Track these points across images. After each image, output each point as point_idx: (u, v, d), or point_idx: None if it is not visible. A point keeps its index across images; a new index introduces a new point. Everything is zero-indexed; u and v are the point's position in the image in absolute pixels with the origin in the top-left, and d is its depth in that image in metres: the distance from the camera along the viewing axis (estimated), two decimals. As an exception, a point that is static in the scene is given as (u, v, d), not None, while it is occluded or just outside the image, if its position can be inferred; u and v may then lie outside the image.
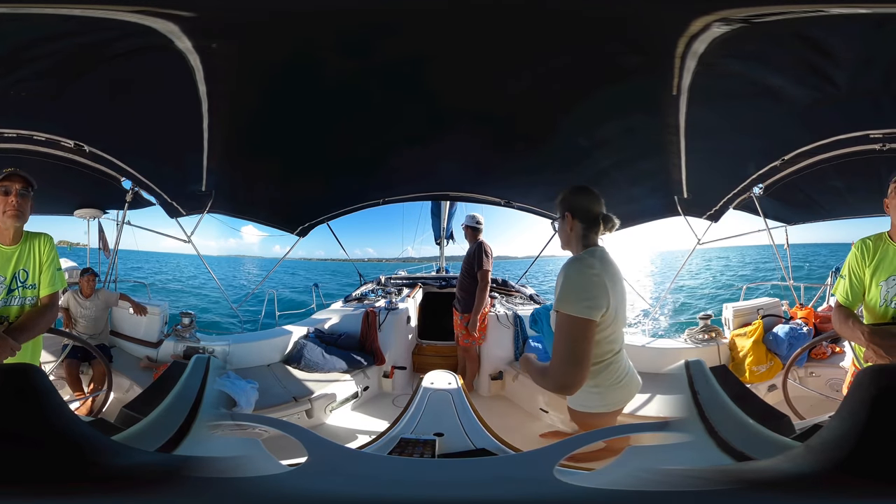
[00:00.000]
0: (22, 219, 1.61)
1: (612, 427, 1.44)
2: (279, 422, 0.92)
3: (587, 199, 1.52)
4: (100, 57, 1.97)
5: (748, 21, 1.68)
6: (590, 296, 1.34)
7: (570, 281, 1.38)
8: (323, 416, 2.91)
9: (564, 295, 1.36)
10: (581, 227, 1.49)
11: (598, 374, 1.46)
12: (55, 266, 1.70)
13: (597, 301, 1.34)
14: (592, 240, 1.50)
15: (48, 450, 0.47)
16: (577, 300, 1.33)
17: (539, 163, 3.58)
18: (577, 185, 1.57)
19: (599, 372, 1.46)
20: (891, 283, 1.55)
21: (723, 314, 3.54)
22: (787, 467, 0.49)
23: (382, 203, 4.72)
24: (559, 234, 1.57)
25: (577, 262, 1.42)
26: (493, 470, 0.68)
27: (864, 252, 1.61)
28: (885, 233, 1.61)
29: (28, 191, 1.62)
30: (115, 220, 4.06)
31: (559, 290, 1.39)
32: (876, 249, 1.59)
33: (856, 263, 1.63)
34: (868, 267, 1.60)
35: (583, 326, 1.33)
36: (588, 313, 1.32)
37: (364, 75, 2.39)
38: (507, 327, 3.67)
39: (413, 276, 6.04)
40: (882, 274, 1.57)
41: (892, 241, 1.58)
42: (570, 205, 1.51)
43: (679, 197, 3.57)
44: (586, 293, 1.34)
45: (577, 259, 1.44)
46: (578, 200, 1.52)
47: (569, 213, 1.50)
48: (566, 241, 1.55)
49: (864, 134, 2.56)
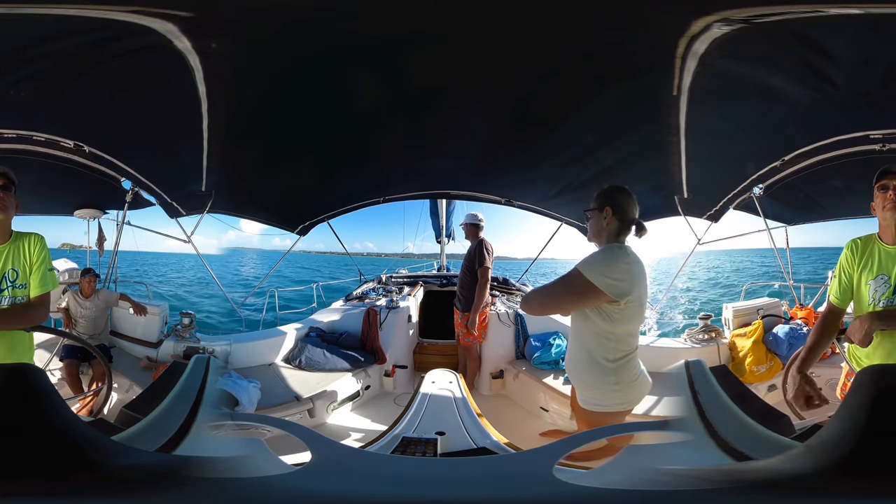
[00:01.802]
0: (6, 212, 1.59)
1: (612, 426, 1.44)
2: (282, 421, 0.93)
3: (628, 201, 1.56)
4: (99, 57, 1.97)
5: (748, 21, 1.68)
6: (617, 277, 1.41)
7: (603, 258, 1.47)
8: (325, 416, 2.91)
9: (591, 263, 1.45)
10: (616, 225, 1.54)
11: (618, 370, 1.51)
12: (46, 266, 1.67)
13: (623, 284, 1.41)
14: (621, 239, 1.55)
15: (48, 450, 0.47)
16: (601, 273, 1.42)
17: (539, 162, 3.58)
18: (619, 185, 1.62)
19: (621, 368, 1.51)
20: (879, 283, 1.58)
21: (723, 314, 3.54)
22: (787, 467, 0.49)
23: (382, 202, 4.73)
24: (591, 224, 1.60)
25: (616, 249, 1.50)
26: (493, 468, 0.68)
27: (853, 252, 1.65)
28: (875, 234, 1.65)
29: (9, 186, 1.59)
30: (115, 221, 4.06)
31: (589, 257, 1.47)
32: (865, 249, 1.63)
33: (846, 263, 1.67)
34: (857, 266, 1.63)
35: (588, 289, 1.42)
36: (610, 289, 1.40)
37: (364, 75, 2.39)
38: (507, 326, 3.68)
39: (414, 275, 6.05)
40: (870, 273, 1.60)
41: (881, 242, 1.61)
42: (613, 200, 1.55)
43: (679, 197, 3.57)
44: (614, 273, 1.42)
45: (616, 246, 1.51)
46: (620, 199, 1.56)
47: (610, 207, 1.54)
48: (597, 234, 1.58)
49: (864, 134, 2.56)
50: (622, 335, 1.49)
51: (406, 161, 3.78)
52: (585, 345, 1.54)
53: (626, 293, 1.41)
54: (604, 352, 1.50)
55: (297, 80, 2.42)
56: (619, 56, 2.15)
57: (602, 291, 1.40)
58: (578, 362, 1.58)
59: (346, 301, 4.69)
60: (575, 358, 1.60)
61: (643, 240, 1.57)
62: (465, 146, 3.43)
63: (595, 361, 1.51)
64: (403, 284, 5.34)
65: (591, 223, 1.60)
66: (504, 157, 3.61)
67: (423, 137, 3.28)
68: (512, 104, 2.73)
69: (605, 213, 1.54)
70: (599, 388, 1.54)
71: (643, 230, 1.57)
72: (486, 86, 2.50)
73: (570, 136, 3.03)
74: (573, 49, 2.12)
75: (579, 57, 2.19)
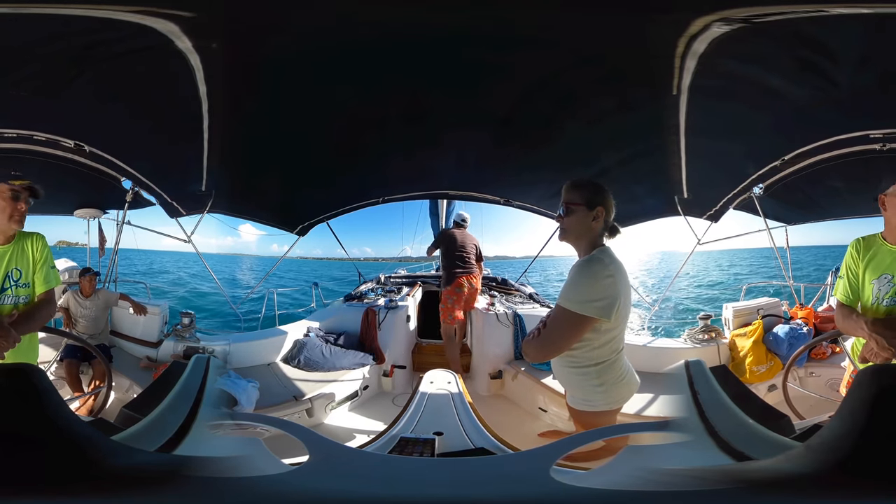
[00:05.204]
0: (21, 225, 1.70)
1: (610, 426, 1.45)
2: (280, 421, 0.93)
3: (613, 203, 1.52)
4: (100, 57, 1.97)
5: (748, 21, 1.68)
6: (603, 296, 1.38)
7: (584, 281, 1.41)
8: (323, 416, 2.91)
9: (574, 294, 1.40)
10: (603, 226, 1.50)
11: (602, 372, 1.49)
12: (49, 264, 1.73)
13: (610, 300, 1.38)
14: (601, 241, 1.52)
15: (48, 450, 0.47)
16: (585, 300, 1.38)
17: (539, 163, 3.57)
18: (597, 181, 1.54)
19: (604, 370, 1.49)
20: (882, 282, 1.58)
21: (723, 314, 3.54)
22: (787, 467, 0.49)
23: (382, 202, 4.73)
24: (572, 222, 1.49)
25: (594, 264, 1.42)
26: (491, 469, 0.68)
27: (858, 251, 1.66)
28: (878, 233, 1.65)
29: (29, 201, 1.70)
30: (115, 220, 4.06)
31: (569, 286, 1.43)
32: (869, 248, 1.63)
33: (852, 262, 1.67)
34: (862, 265, 1.63)
35: (579, 323, 1.39)
36: (598, 313, 1.37)
37: (364, 74, 2.39)
38: (506, 326, 3.67)
39: (413, 275, 6.04)
40: (874, 272, 1.60)
41: (885, 242, 1.62)
42: (605, 200, 1.49)
43: (679, 197, 3.57)
44: (598, 293, 1.38)
45: (594, 260, 1.44)
46: (608, 199, 1.50)
47: (602, 208, 1.47)
48: (583, 234, 1.49)
49: (864, 134, 2.56)
50: (606, 340, 1.46)
51: (406, 161, 3.78)
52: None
53: (614, 306, 1.38)
54: (587, 355, 1.47)
55: (298, 80, 2.42)
56: (619, 56, 2.14)
57: (593, 318, 1.37)
58: (561, 365, 1.56)
59: (345, 301, 4.69)
60: (558, 360, 1.57)
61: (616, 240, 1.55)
62: (466, 147, 3.43)
63: (577, 364, 1.49)
64: (402, 285, 5.34)
65: (574, 220, 1.48)
66: (504, 157, 3.61)
67: (424, 138, 3.27)
68: (512, 104, 2.73)
69: (595, 213, 1.46)
70: (583, 388, 1.53)
71: (617, 232, 1.55)
72: (487, 85, 2.50)
73: (570, 136, 3.03)
74: (573, 49, 2.11)
75: (579, 58, 2.19)
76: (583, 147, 3.16)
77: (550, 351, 1.52)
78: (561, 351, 1.49)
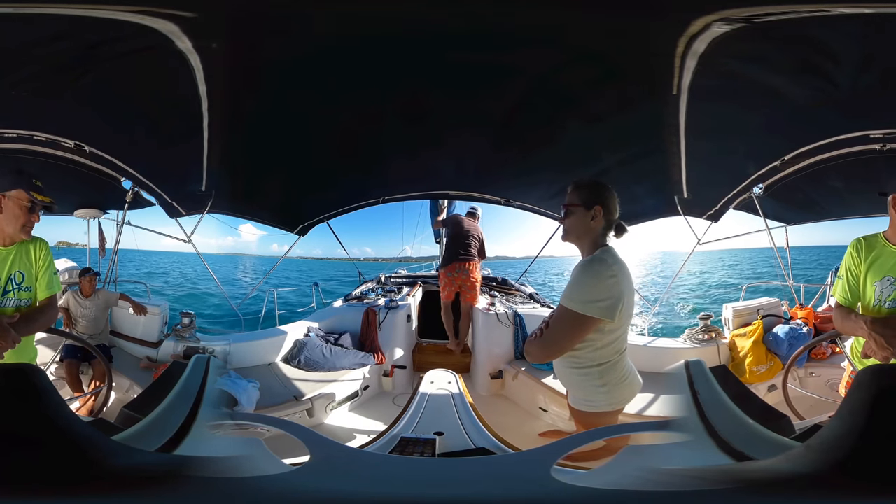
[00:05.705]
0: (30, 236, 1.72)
1: (611, 426, 1.44)
2: (281, 421, 0.92)
3: (615, 200, 1.50)
4: (100, 57, 1.97)
5: (749, 21, 1.68)
6: (606, 296, 1.37)
7: (587, 281, 1.40)
8: (323, 416, 2.91)
9: (577, 294, 1.40)
10: (603, 225, 1.48)
11: (605, 373, 1.48)
12: (52, 270, 1.74)
13: (613, 300, 1.37)
14: (604, 240, 1.50)
15: (48, 450, 0.47)
16: (588, 300, 1.37)
17: (539, 163, 3.58)
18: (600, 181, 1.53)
19: (607, 371, 1.48)
20: (885, 284, 1.55)
21: (723, 314, 3.54)
22: (787, 467, 0.49)
23: (382, 202, 4.73)
24: (572, 222, 1.50)
25: (597, 264, 1.41)
26: (491, 469, 0.68)
27: (859, 251, 1.62)
28: (880, 233, 1.61)
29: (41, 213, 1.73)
30: (115, 220, 4.06)
31: (572, 286, 1.42)
32: (871, 249, 1.59)
33: (852, 263, 1.63)
34: (863, 266, 1.60)
35: (582, 324, 1.39)
36: (601, 313, 1.36)
37: (364, 74, 2.39)
38: (506, 326, 3.67)
39: (413, 275, 6.04)
40: (877, 274, 1.57)
41: (889, 243, 1.58)
42: (603, 199, 1.48)
43: (679, 197, 3.56)
44: (601, 293, 1.37)
45: (597, 260, 1.43)
46: (609, 197, 1.49)
47: (600, 206, 1.47)
48: (581, 234, 1.49)
49: (864, 134, 2.56)
50: (609, 340, 1.45)
51: (406, 161, 3.78)
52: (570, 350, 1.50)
53: (617, 306, 1.37)
54: (589, 356, 1.47)
55: (298, 79, 2.42)
56: (619, 56, 2.15)
57: (597, 318, 1.37)
58: (564, 365, 1.55)
59: (346, 301, 4.69)
60: (560, 361, 1.56)
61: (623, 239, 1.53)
62: (466, 147, 3.43)
63: (579, 364, 1.49)
64: (402, 285, 5.33)
65: (573, 221, 1.50)
66: (504, 158, 3.61)
67: (424, 138, 3.27)
68: (512, 105, 2.72)
69: (594, 213, 1.46)
70: (586, 389, 1.52)
71: (624, 230, 1.52)
72: (487, 86, 2.50)
73: (570, 136, 3.03)
74: (574, 48, 2.11)
75: (579, 57, 2.19)
76: (583, 147, 3.16)
77: (553, 351, 1.51)
78: (564, 351, 1.48)
